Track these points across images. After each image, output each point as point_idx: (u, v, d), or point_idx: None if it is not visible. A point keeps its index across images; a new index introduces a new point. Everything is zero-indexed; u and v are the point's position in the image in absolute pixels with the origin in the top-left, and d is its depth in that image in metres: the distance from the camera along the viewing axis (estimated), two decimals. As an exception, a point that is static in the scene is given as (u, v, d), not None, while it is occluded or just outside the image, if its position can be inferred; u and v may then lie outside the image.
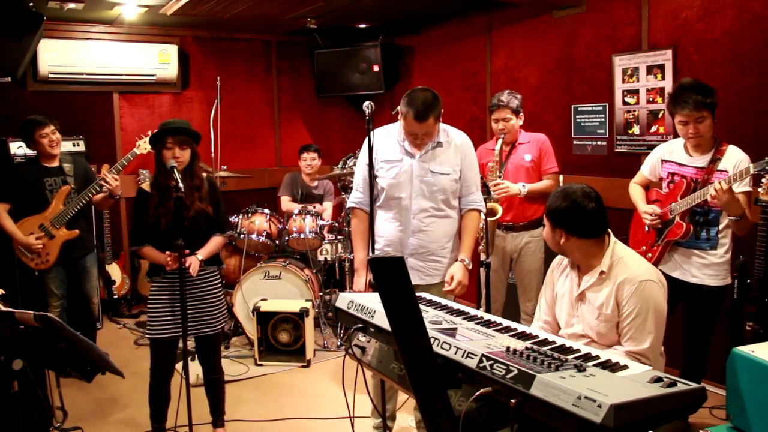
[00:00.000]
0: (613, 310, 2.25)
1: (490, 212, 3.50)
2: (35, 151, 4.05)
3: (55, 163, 4.05)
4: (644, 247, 3.18)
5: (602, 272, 2.28)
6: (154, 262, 3.08)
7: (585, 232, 2.27)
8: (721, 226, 3.00)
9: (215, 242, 3.16)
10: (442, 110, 2.89)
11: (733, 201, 2.79)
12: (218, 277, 3.22)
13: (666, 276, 2.51)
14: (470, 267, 2.98)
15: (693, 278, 3.05)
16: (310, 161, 5.40)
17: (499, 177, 3.75)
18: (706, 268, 3.02)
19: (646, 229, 3.21)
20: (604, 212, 2.29)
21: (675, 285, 2.99)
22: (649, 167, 3.32)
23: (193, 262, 3.02)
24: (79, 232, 4.03)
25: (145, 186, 3.10)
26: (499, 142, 3.77)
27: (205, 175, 3.18)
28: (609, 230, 2.34)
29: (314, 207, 5.15)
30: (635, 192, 3.35)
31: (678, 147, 3.16)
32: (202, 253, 3.08)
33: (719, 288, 3.02)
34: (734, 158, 2.94)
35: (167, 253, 2.99)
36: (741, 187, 2.89)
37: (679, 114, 2.97)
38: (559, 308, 2.48)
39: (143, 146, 4.34)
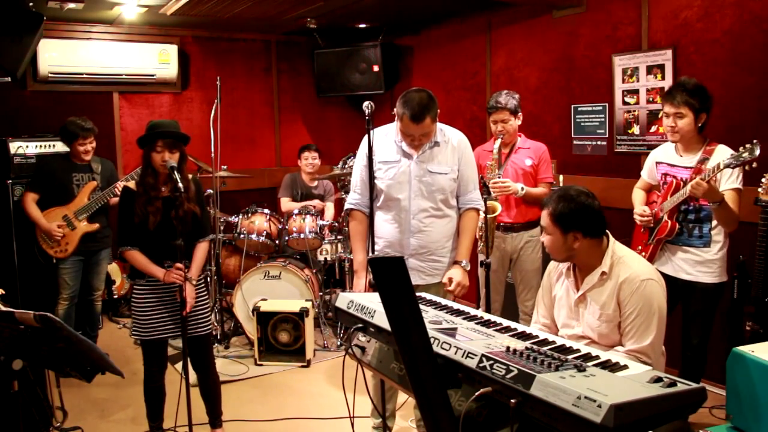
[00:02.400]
0: (615, 310, 2.26)
1: (490, 209, 3.51)
2: (69, 150, 4.29)
3: (86, 162, 4.29)
4: (639, 246, 3.21)
5: (603, 273, 2.29)
6: (141, 270, 2.99)
7: (597, 230, 2.29)
8: (713, 223, 3.01)
9: (202, 252, 3.12)
10: (439, 110, 2.89)
11: (710, 190, 2.82)
12: (203, 278, 3.19)
13: (661, 274, 2.53)
14: (468, 268, 2.98)
15: (687, 276, 3.06)
16: (311, 160, 5.42)
17: (498, 176, 3.76)
18: (700, 265, 3.03)
19: (642, 229, 3.24)
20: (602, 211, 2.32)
21: (670, 283, 2.99)
22: (647, 171, 3.36)
23: (190, 294, 2.97)
24: (99, 226, 4.24)
25: (131, 185, 3.04)
26: (498, 141, 3.78)
27: (190, 176, 3.13)
28: (607, 230, 2.35)
29: (314, 207, 5.15)
30: (635, 196, 3.39)
31: (670, 148, 3.19)
32: (193, 273, 3.05)
33: (715, 285, 3.02)
34: (721, 157, 2.96)
35: (169, 272, 2.95)
36: (728, 184, 2.91)
37: (664, 104, 3.05)
38: (557, 311, 2.48)
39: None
